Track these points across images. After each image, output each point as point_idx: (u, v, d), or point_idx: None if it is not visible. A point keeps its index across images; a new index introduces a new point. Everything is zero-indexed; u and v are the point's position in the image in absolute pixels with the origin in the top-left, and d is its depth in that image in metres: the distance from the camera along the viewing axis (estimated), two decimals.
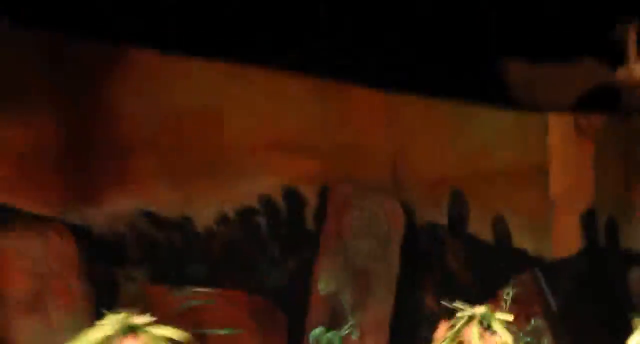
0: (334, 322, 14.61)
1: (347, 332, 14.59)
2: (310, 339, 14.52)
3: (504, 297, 13.94)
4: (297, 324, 14.47)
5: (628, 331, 9.25)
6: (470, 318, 8.78)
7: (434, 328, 16.23)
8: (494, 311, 8.78)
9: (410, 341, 14.87)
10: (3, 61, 13.53)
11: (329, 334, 14.46)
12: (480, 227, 14.86)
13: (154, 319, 7.16)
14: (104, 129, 13.98)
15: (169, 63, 13.98)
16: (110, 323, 7.22)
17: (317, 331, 14.49)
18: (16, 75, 13.72)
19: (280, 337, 13.76)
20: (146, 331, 7.07)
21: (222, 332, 9.02)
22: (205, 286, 14.25)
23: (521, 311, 14.11)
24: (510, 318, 8.75)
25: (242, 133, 14.63)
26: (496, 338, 8.58)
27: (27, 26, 13.96)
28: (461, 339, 8.84)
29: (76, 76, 13.92)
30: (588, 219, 14.80)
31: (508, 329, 8.70)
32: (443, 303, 15.78)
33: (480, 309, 8.72)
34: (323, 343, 14.44)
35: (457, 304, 9.00)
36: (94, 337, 7.22)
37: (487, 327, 8.66)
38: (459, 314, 9.02)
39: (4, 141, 13.26)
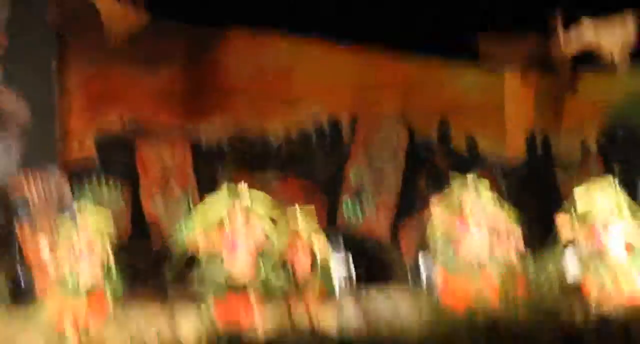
0: (358, 201, 17.61)
1: (366, 208, 17.64)
2: (344, 211, 17.46)
3: None
4: (334, 203, 17.51)
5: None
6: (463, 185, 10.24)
7: (424, 204, 15.35)
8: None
9: (409, 214, 17.22)
10: (148, 39, 16.82)
11: (355, 208, 17.55)
12: (458, 143, 17.83)
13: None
14: (211, 79, 17.49)
15: (255, 36, 17.42)
16: (224, 197, 9.04)
17: (346, 203, 17.61)
18: (155, 48, 17.10)
19: (321, 210, 15.59)
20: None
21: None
22: (273, 175, 17.43)
23: None
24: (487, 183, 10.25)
25: (302, 82, 17.70)
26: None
27: (162, 17, 16.81)
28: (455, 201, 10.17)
29: (194, 47, 17.41)
30: (530, 138, 17.63)
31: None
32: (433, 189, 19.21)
33: (471, 176, 10.39)
34: (350, 214, 17.54)
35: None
36: (213, 205, 9.09)
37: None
38: (453, 182, 10.46)
39: (151, 85, 17.11)
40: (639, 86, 17.19)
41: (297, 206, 10.76)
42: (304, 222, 10.50)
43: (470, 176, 10.33)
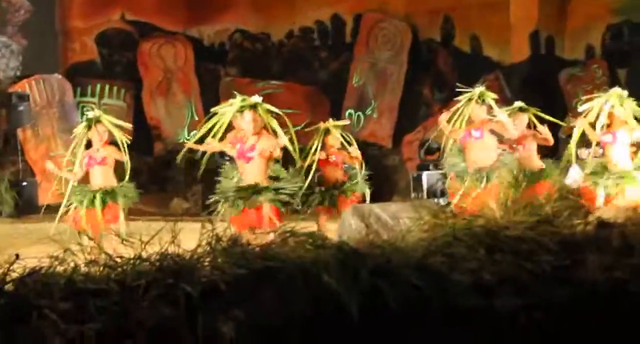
0: (361, 105, 17.81)
1: (369, 113, 17.86)
2: (346, 116, 17.37)
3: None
4: (337, 106, 17.63)
5: (559, 116, 10.80)
6: (470, 98, 9.53)
7: (427, 110, 17.40)
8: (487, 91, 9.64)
9: (412, 119, 17.61)
10: None
11: (358, 113, 17.78)
12: (461, 42, 17.69)
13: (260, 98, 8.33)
14: None
15: None
16: (236, 102, 8.31)
17: (350, 110, 17.84)
18: None
19: (324, 114, 15.55)
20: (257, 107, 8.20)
21: (287, 111, 8.41)
22: (275, 79, 17.52)
23: None
24: (495, 96, 9.72)
25: None
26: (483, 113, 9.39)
27: None
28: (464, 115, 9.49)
29: None
30: (534, 36, 17.36)
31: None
32: (436, 92, 19.71)
33: (478, 89, 9.60)
34: (353, 119, 17.63)
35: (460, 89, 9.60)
36: (226, 109, 8.41)
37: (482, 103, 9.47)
38: (461, 97, 9.66)
39: None
40: None
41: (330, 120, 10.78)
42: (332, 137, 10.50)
43: (477, 90, 9.69)
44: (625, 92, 9.24)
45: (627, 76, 16.80)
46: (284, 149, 8.41)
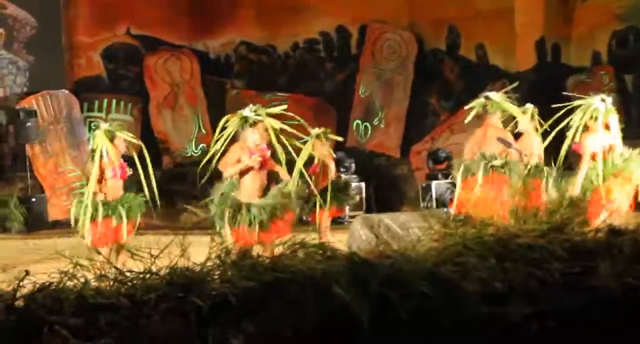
0: (368, 116, 17.60)
1: (376, 123, 17.59)
2: (353, 127, 17.43)
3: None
4: (344, 117, 17.49)
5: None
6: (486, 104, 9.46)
7: (435, 120, 17.29)
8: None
9: (420, 129, 17.38)
10: None
11: (365, 124, 17.52)
12: (467, 51, 17.49)
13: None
14: None
15: None
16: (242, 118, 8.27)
17: (357, 121, 17.56)
18: None
19: (331, 126, 15.42)
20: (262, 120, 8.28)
21: (293, 122, 8.77)
22: (281, 91, 17.32)
23: None
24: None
25: None
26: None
27: None
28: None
29: None
30: (540, 44, 17.21)
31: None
32: (442, 102, 19.63)
33: (493, 94, 9.56)
34: (361, 129, 17.50)
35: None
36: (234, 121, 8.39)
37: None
38: (475, 102, 9.61)
39: None
40: None
41: (316, 129, 10.84)
42: (321, 144, 10.61)
43: (489, 96, 9.71)
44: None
45: (633, 82, 16.79)
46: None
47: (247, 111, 8.41)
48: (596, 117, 9.34)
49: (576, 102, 9.52)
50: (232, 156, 8.41)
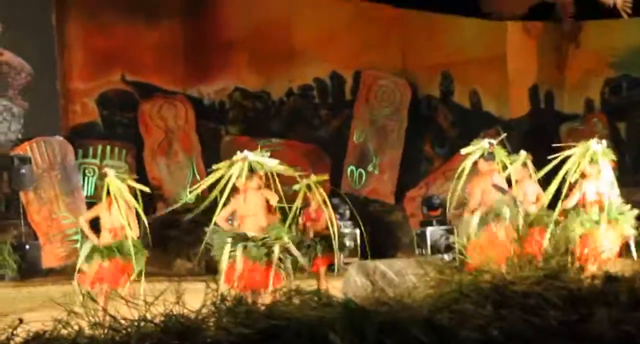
0: (362, 162, 17.59)
1: (371, 169, 17.58)
2: (347, 173, 17.47)
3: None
4: (338, 163, 17.47)
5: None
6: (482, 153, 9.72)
7: (429, 166, 17.32)
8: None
9: (414, 175, 17.40)
10: None
11: (359, 170, 17.52)
12: (461, 98, 17.54)
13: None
14: (212, 33, 17.56)
15: None
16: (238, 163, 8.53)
17: (351, 168, 17.57)
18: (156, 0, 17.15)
19: (325, 172, 14.73)
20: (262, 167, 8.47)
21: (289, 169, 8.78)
22: (276, 137, 17.31)
23: None
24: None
25: (305, 36, 17.62)
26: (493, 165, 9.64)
27: None
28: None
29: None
30: (533, 91, 17.28)
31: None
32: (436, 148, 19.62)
33: (484, 143, 9.80)
34: (355, 176, 17.49)
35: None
36: (225, 170, 8.60)
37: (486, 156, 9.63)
38: (467, 150, 9.85)
39: (148, 40, 17.20)
40: None
41: (312, 176, 10.83)
42: (315, 191, 10.51)
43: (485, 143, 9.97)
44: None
45: (626, 129, 16.90)
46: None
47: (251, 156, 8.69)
48: (595, 161, 9.49)
49: (570, 151, 9.68)
50: (227, 209, 8.60)
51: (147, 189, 9.29)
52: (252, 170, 8.67)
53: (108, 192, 9.21)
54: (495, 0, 17.56)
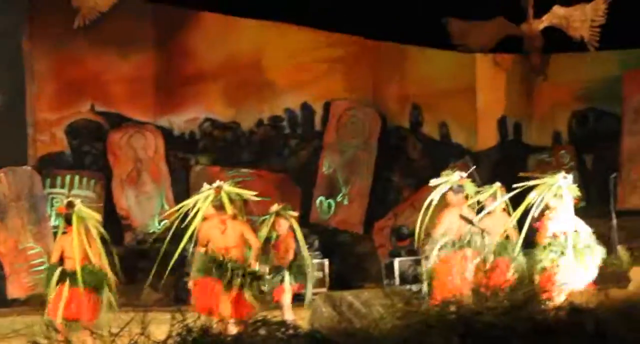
0: (332, 192, 17.67)
1: (340, 199, 17.63)
2: (317, 204, 17.45)
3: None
4: (307, 194, 17.47)
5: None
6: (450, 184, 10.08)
7: (398, 196, 17.54)
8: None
9: (383, 205, 17.58)
10: (117, 20, 16.58)
11: (329, 201, 17.58)
12: (430, 129, 17.82)
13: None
14: (182, 65, 17.52)
15: (227, 21, 17.42)
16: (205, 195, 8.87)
17: (321, 198, 17.60)
18: (125, 30, 16.93)
19: (295, 202, 15.69)
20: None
21: (256, 199, 9.41)
22: (246, 167, 17.29)
23: None
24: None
25: (276, 68, 17.69)
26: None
27: None
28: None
29: (165, 30, 17.34)
30: (501, 123, 17.67)
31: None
32: (406, 181, 19.74)
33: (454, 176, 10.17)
34: (324, 206, 17.54)
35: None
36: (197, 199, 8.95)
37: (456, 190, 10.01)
38: (436, 181, 10.20)
39: (118, 71, 17.11)
40: (609, 71, 17.31)
41: (275, 205, 10.94)
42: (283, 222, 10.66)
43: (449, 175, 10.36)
44: None
45: (592, 161, 17.14)
46: None
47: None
48: (560, 195, 9.61)
49: (536, 181, 9.81)
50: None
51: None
52: (230, 200, 8.86)
53: (71, 223, 9.13)
54: (464, 33, 17.81)
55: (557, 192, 9.67)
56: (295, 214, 11.00)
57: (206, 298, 8.79)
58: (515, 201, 10.26)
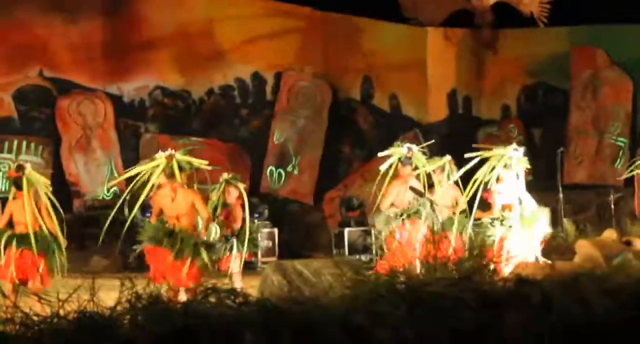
0: (282, 162, 17.61)
1: (290, 170, 17.60)
2: (267, 173, 17.40)
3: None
4: (258, 163, 17.43)
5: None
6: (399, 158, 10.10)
7: (348, 168, 17.61)
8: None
9: (333, 176, 17.62)
10: None
11: (279, 170, 17.56)
12: (381, 101, 17.90)
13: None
14: (134, 31, 17.21)
15: None
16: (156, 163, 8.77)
17: (271, 168, 17.56)
18: None
19: (245, 172, 16.27)
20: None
21: (208, 168, 9.26)
22: (196, 136, 17.23)
23: None
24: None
25: (227, 37, 17.45)
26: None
27: None
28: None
29: None
30: (451, 96, 17.80)
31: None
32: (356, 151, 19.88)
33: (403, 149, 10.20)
34: (275, 176, 17.49)
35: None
36: (148, 167, 8.85)
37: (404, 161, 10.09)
38: (385, 153, 10.25)
39: (68, 37, 16.77)
40: (558, 47, 17.44)
41: (225, 174, 10.71)
42: (232, 191, 10.49)
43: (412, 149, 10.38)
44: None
45: (540, 136, 17.32)
46: None
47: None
48: (509, 166, 9.67)
49: (488, 153, 9.72)
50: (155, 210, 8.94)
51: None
52: (181, 169, 8.82)
53: (20, 188, 9.02)
54: (416, 7, 17.87)
55: (508, 163, 9.72)
56: (243, 185, 10.88)
57: (160, 265, 8.81)
58: (464, 173, 10.23)
